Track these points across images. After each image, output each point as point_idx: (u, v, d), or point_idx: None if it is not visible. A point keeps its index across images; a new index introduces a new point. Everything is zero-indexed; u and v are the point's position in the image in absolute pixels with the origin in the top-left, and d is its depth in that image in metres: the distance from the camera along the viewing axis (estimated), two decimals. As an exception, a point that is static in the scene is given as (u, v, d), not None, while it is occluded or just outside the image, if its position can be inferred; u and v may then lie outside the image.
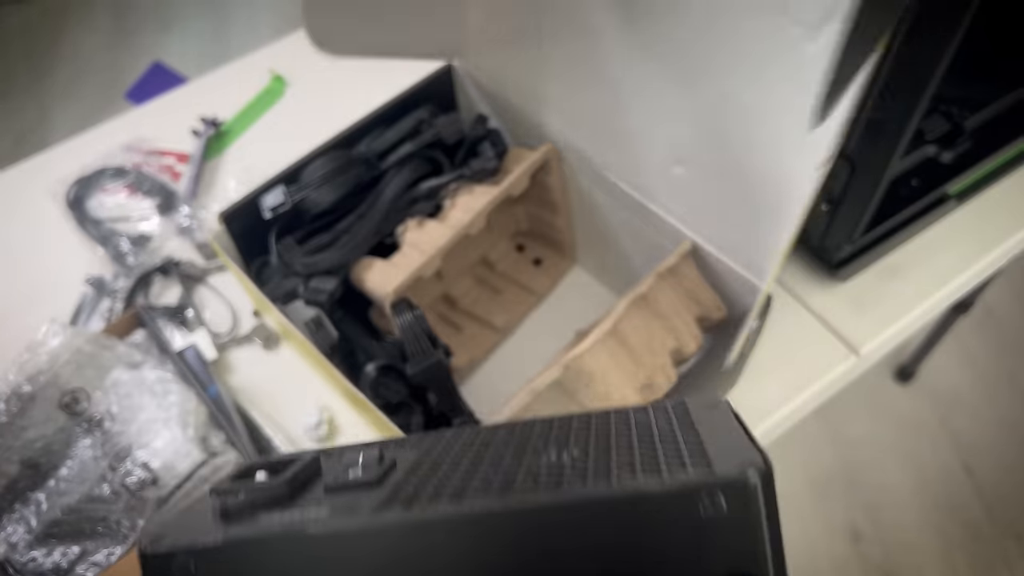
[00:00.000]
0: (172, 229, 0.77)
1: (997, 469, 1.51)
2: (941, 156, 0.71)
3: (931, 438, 1.56)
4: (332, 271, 0.55)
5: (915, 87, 0.53)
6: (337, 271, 0.55)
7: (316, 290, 0.54)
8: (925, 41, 0.50)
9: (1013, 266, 1.19)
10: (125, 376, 0.60)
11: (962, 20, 0.48)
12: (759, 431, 0.63)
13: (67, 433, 0.59)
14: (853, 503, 1.49)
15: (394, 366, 0.54)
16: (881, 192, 0.61)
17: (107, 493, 0.56)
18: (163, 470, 0.55)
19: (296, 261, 0.55)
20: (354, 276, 0.55)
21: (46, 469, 0.58)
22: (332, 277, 0.54)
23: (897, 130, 0.56)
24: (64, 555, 0.55)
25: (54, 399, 0.59)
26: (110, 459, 0.57)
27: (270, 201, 0.54)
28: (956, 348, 1.63)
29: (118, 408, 0.59)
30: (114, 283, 0.73)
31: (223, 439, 0.59)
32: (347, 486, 0.26)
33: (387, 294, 0.52)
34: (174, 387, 0.60)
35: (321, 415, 0.64)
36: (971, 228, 0.73)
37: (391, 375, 0.54)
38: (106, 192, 0.80)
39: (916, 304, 0.70)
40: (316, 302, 0.54)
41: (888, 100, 0.55)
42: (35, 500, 0.57)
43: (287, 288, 0.55)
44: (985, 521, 1.46)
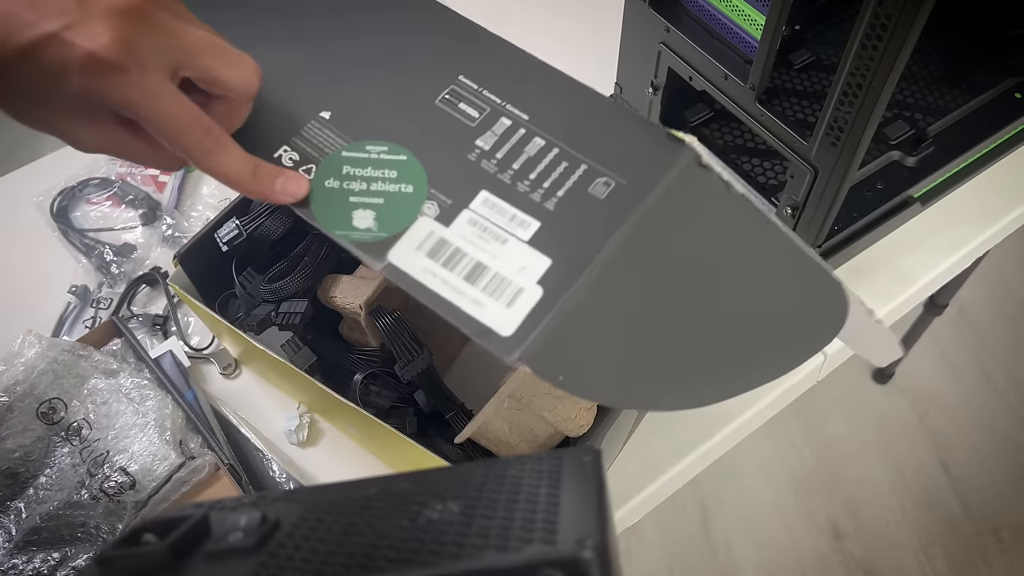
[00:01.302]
0: (156, 239, 0.78)
1: (974, 466, 1.54)
2: (905, 160, 0.73)
3: (909, 436, 1.58)
4: (300, 294, 0.56)
5: (872, 94, 0.55)
6: (305, 293, 0.56)
7: (288, 314, 0.55)
8: (880, 50, 0.51)
9: (985, 266, 1.22)
10: (102, 384, 0.61)
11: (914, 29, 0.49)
12: (727, 431, 0.65)
13: (45, 442, 0.60)
14: (834, 501, 1.51)
15: (380, 373, 0.55)
16: (843, 197, 0.63)
17: (86, 499, 0.57)
18: (141, 474, 0.56)
19: (261, 290, 0.56)
20: (322, 295, 0.56)
21: (25, 478, 0.59)
22: (302, 300, 0.55)
23: (856, 137, 0.58)
24: (45, 561, 0.56)
25: (32, 409, 0.60)
26: (88, 465, 0.58)
27: (224, 234, 0.55)
28: (932, 348, 1.66)
29: (95, 415, 0.60)
30: (98, 292, 0.74)
31: (200, 442, 0.60)
32: (227, 552, 0.27)
33: (360, 307, 0.53)
34: (151, 393, 0.60)
35: (300, 419, 0.64)
36: (935, 230, 0.75)
37: (378, 382, 0.55)
38: (91, 203, 0.81)
39: (882, 305, 0.72)
40: (291, 325, 0.55)
41: (847, 107, 0.57)
42: (15, 509, 0.58)
43: (260, 316, 0.55)
44: (963, 517, 1.48)
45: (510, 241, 0.42)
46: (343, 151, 0.45)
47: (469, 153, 0.44)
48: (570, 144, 0.44)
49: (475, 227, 0.42)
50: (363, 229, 0.43)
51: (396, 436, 0.50)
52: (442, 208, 0.43)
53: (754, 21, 0.64)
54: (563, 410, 0.49)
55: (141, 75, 0.35)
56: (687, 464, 0.63)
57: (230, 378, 0.68)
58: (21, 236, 0.79)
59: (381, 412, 0.51)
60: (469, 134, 0.45)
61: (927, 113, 0.75)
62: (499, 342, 0.39)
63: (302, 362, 0.55)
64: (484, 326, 0.39)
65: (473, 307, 0.40)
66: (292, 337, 0.57)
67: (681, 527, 1.48)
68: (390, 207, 0.43)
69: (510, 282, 0.40)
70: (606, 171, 0.43)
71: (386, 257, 0.42)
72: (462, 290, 0.40)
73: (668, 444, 0.64)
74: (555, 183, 0.43)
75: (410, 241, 0.42)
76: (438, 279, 0.41)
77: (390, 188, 0.44)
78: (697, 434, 0.64)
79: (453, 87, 0.46)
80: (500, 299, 0.40)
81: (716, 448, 0.65)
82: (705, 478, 1.52)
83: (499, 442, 0.51)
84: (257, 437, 0.64)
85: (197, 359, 0.69)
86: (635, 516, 0.63)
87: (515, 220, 0.42)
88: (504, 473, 0.30)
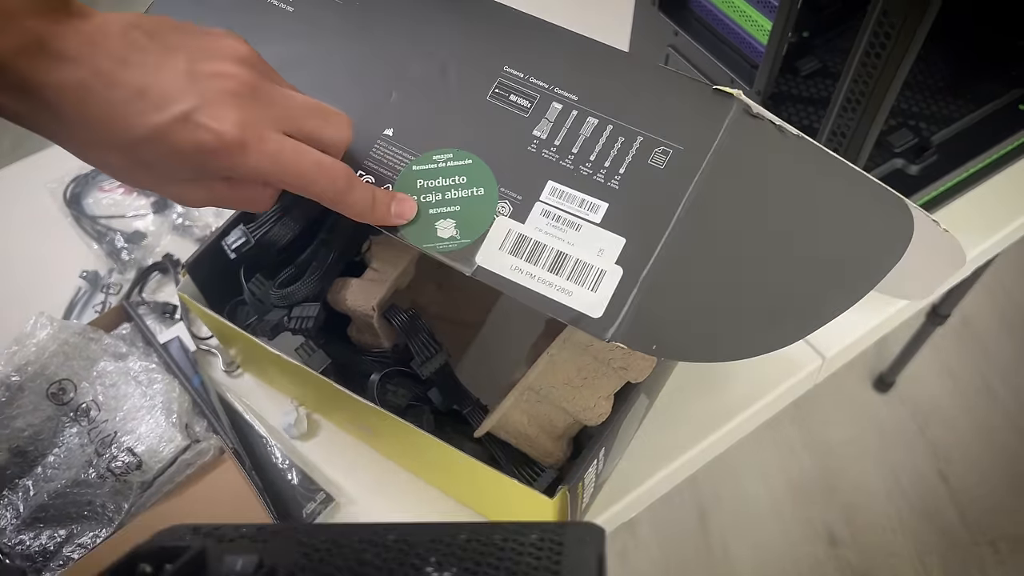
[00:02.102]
0: (167, 227, 0.79)
1: (973, 476, 1.54)
2: (908, 168, 0.74)
3: (908, 446, 1.58)
4: (310, 299, 0.57)
5: (874, 102, 0.55)
6: (315, 298, 0.57)
7: (301, 318, 0.55)
8: (883, 57, 0.52)
9: (989, 276, 1.22)
10: (111, 367, 0.62)
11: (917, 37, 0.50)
12: (726, 429, 0.65)
13: (54, 422, 0.61)
14: (831, 508, 1.51)
15: (394, 372, 0.56)
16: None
17: (93, 478, 0.58)
18: (147, 455, 0.57)
19: (272, 295, 0.56)
20: (332, 299, 0.57)
21: (33, 456, 0.60)
22: (313, 304, 0.56)
23: (858, 143, 0.59)
24: (51, 538, 0.57)
25: (42, 389, 0.61)
26: (96, 445, 0.59)
27: (232, 242, 0.56)
28: (934, 358, 1.66)
29: (104, 397, 0.61)
30: (108, 278, 0.75)
31: (205, 426, 0.61)
32: None
33: (372, 308, 0.54)
34: (158, 376, 0.62)
35: (298, 412, 0.65)
36: (936, 238, 0.76)
37: (392, 381, 0.55)
38: (103, 190, 0.82)
39: (883, 309, 0.72)
40: (304, 329, 0.56)
41: (849, 114, 0.58)
42: (23, 486, 0.59)
43: (273, 322, 0.56)
44: (960, 528, 1.48)
45: (584, 226, 0.43)
46: (413, 165, 0.46)
47: (529, 144, 0.46)
48: (623, 118, 0.45)
49: (549, 218, 0.44)
50: (447, 239, 0.45)
51: (416, 434, 0.50)
52: (515, 205, 0.45)
53: (761, 27, 0.65)
54: (582, 400, 0.49)
55: (260, 145, 0.38)
56: (685, 460, 0.64)
57: (232, 376, 0.69)
58: (34, 221, 0.81)
59: (398, 411, 0.52)
60: (525, 125, 0.46)
61: (931, 122, 0.75)
62: (592, 324, 0.41)
63: (317, 365, 0.56)
64: (577, 312, 0.42)
65: (563, 296, 0.42)
66: (305, 341, 0.58)
67: (679, 529, 1.49)
68: (467, 212, 0.45)
69: (591, 266, 0.43)
70: (662, 139, 0.44)
71: (474, 261, 0.44)
72: (550, 281, 0.43)
73: (667, 439, 0.65)
74: (615, 161, 0.44)
75: (492, 242, 0.44)
76: (526, 274, 0.43)
77: (463, 194, 0.45)
78: (697, 430, 0.65)
79: (501, 80, 0.47)
80: (585, 284, 0.42)
81: (716, 445, 0.66)
82: (703, 480, 1.53)
83: (518, 434, 0.51)
84: (259, 423, 0.65)
85: (204, 349, 0.70)
86: (632, 511, 0.64)
87: (585, 204, 0.44)
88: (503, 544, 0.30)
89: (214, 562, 0.28)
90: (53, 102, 0.35)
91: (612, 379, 0.49)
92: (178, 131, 0.36)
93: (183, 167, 0.38)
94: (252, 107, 0.38)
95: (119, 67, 0.36)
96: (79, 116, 0.36)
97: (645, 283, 0.42)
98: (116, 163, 0.38)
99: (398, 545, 0.29)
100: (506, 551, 0.29)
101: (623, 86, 0.46)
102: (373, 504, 0.63)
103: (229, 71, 0.38)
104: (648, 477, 0.63)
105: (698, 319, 0.42)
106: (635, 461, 0.63)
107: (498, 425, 0.51)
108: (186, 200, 0.42)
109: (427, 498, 0.62)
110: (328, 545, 0.30)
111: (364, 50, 0.49)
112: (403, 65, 0.49)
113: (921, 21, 0.49)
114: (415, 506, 0.62)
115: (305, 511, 0.61)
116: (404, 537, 0.30)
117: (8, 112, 0.36)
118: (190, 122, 0.36)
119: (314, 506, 0.61)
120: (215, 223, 0.79)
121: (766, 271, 0.42)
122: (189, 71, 0.37)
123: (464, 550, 0.29)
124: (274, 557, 0.29)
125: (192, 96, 0.37)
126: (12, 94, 0.35)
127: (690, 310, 0.42)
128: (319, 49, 0.50)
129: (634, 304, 0.41)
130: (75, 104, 0.35)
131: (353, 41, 0.50)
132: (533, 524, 0.30)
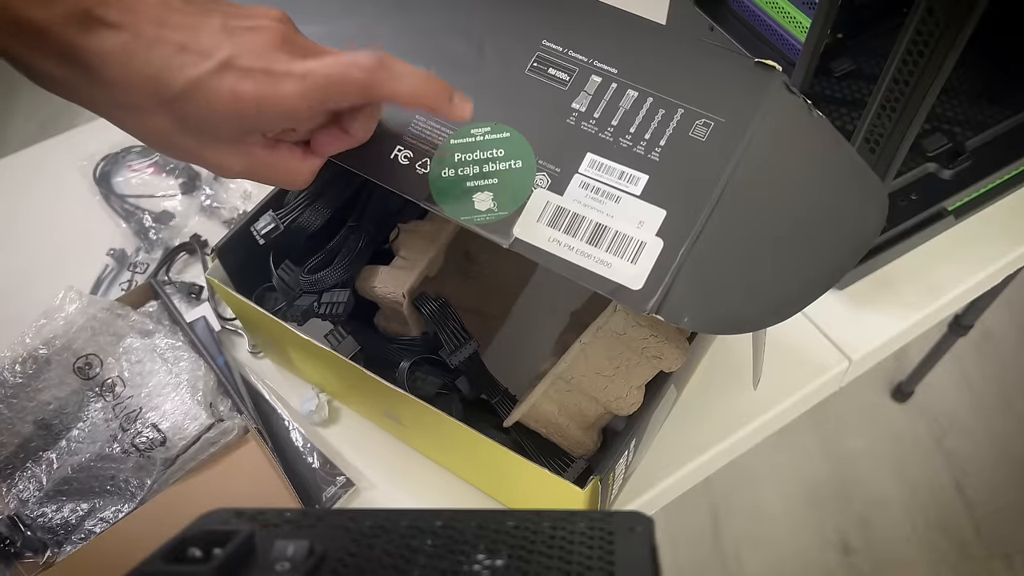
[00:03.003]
0: (195, 208, 0.79)
1: (989, 489, 1.53)
2: (941, 172, 0.73)
3: (925, 456, 1.57)
4: (339, 285, 0.57)
5: (912, 105, 0.55)
6: (344, 284, 0.57)
7: (332, 304, 0.55)
8: (924, 60, 0.52)
9: (1012, 289, 1.21)
10: (137, 343, 0.63)
11: (959, 40, 0.49)
12: (751, 428, 0.65)
13: (80, 396, 0.61)
14: (845, 516, 1.50)
15: (422, 360, 0.55)
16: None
17: (117, 452, 0.58)
18: (172, 431, 0.58)
19: (301, 281, 0.56)
20: (361, 286, 0.57)
21: (58, 430, 0.61)
22: (343, 289, 0.56)
23: (893, 147, 0.58)
24: (73, 511, 0.57)
25: (68, 363, 0.62)
26: (121, 420, 0.59)
27: (262, 228, 0.55)
28: (954, 369, 1.65)
29: (129, 373, 0.62)
30: (135, 256, 0.76)
31: (230, 406, 0.61)
32: None
33: (403, 295, 0.54)
34: (184, 355, 0.62)
35: (319, 398, 0.65)
36: (968, 245, 0.75)
37: (421, 369, 0.55)
38: (132, 170, 0.82)
39: (910, 315, 0.71)
40: (334, 315, 0.56)
41: (886, 117, 0.57)
42: (47, 459, 0.59)
43: (303, 307, 0.56)
44: (974, 540, 1.47)
45: (623, 198, 0.43)
46: (451, 139, 0.46)
47: (567, 117, 0.45)
48: (663, 90, 0.45)
49: (587, 190, 0.44)
50: (485, 211, 0.45)
51: (446, 422, 0.50)
52: (553, 177, 0.44)
53: (799, 23, 0.64)
54: (614, 389, 0.49)
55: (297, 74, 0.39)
56: (709, 457, 0.64)
57: (256, 357, 0.69)
58: (64, 198, 0.81)
59: (427, 399, 0.51)
60: (563, 98, 0.46)
61: (966, 127, 0.75)
62: (631, 296, 0.41)
63: (346, 352, 0.56)
64: (616, 284, 0.42)
65: (602, 268, 0.42)
66: (335, 327, 0.57)
67: (692, 533, 1.49)
68: (504, 185, 0.45)
69: (631, 238, 0.42)
70: (703, 111, 0.44)
71: (512, 233, 0.44)
72: (588, 253, 0.43)
73: (691, 436, 0.64)
74: (656, 133, 0.44)
75: (530, 214, 0.44)
76: (564, 246, 0.43)
77: (501, 167, 0.45)
78: (721, 428, 0.65)
79: (539, 54, 0.47)
80: (624, 256, 0.42)
81: (739, 444, 0.65)
82: (718, 485, 1.52)
83: (548, 423, 0.51)
84: (281, 405, 0.65)
85: (228, 329, 0.70)
86: (652, 508, 0.63)
87: (624, 176, 0.44)
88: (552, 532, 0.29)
89: (264, 547, 0.28)
90: (96, 65, 0.36)
91: (645, 368, 0.49)
92: (216, 80, 0.37)
93: (223, 122, 0.38)
94: (289, 48, 0.39)
95: (159, 28, 0.37)
96: (122, 77, 0.36)
97: (686, 255, 0.41)
98: (157, 125, 0.38)
99: (446, 532, 0.29)
100: (556, 539, 0.28)
101: (662, 59, 0.46)
102: (393, 490, 0.63)
103: (264, 24, 0.39)
104: (670, 473, 0.63)
105: (732, 289, 0.42)
106: (658, 455, 0.63)
107: (528, 415, 0.50)
108: (225, 168, 0.41)
109: (448, 485, 0.62)
110: (376, 531, 0.29)
111: (400, 25, 0.49)
112: (440, 40, 0.48)
113: (966, 21, 0.48)
114: (436, 493, 0.62)
115: (325, 495, 0.61)
116: (451, 523, 0.29)
117: (52, 79, 0.37)
118: (231, 68, 0.37)
119: (334, 490, 0.61)
120: (242, 206, 0.79)
121: (786, 240, 0.43)
122: (225, 26, 0.38)
123: (513, 537, 0.28)
124: (324, 542, 0.28)
125: (228, 46, 0.37)
126: (57, 61, 0.36)
127: (724, 281, 0.42)
128: (354, 26, 0.50)
129: (674, 276, 0.41)
130: (118, 66, 0.36)
131: (389, 16, 0.50)
132: (579, 512, 0.30)
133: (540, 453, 0.52)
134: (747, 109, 0.43)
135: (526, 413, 0.51)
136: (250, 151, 0.41)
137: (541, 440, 0.53)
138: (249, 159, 0.41)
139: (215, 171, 0.42)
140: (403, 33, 0.49)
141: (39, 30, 0.35)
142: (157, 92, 0.37)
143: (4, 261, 0.77)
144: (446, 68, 0.48)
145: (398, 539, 0.29)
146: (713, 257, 0.42)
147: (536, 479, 0.49)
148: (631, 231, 0.42)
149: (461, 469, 0.62)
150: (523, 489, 0.56)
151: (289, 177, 0.44)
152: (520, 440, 0.53)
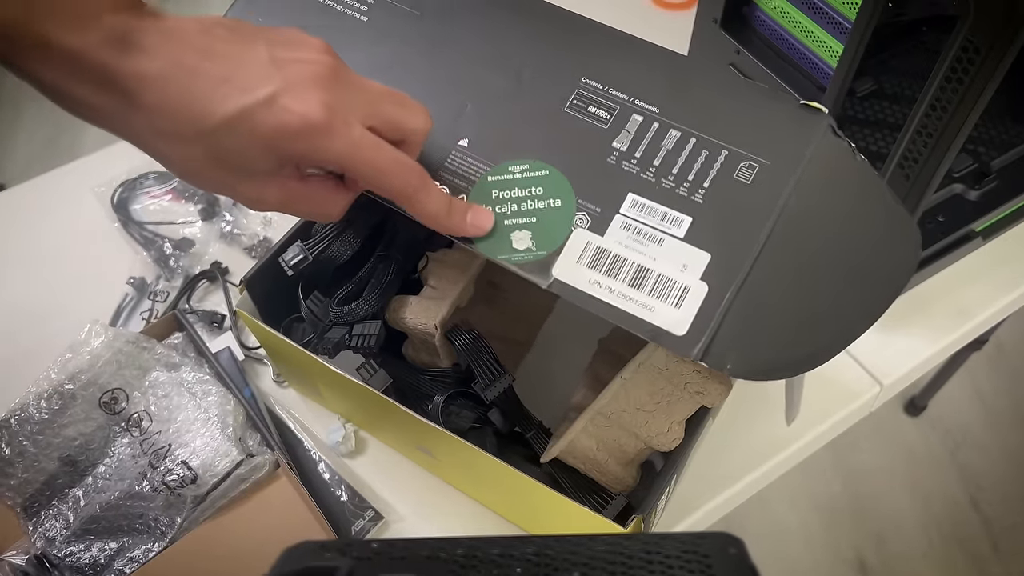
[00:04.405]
0: (215, 235, 0.78)
1: (1004, 504, 1.52)
2: (968, 194, 0.72)
3: (939, 471, 1.56)
4: (369, 316, 0.56)
5: (951, 130, 0.54)
6: (374, 316, 0.56)
7: (363, 336, 0.54)
8: (965, 83, 0.51)
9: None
10: (164, 377, 0.62)
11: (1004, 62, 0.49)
12: (782, 456, 0.64)
13: (106, 431, 0.60)
14: (860, 533, 1.49)
15: (457, 394, 0.54)
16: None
17: (147, 490, 0.57)
18: (202, 469, 0.57)
19: (331, 312, 0.55)
20: (391, 317, 0.56)
21: (84, 466, 0.59)
22: (374, 321, 0.55)
23: (930, 171, 0.58)
24: (102, 551, 0.56)
25: (94, 398, 0.61)
26: (149, 457, 0.58)
27: (290, 259, 0.54)
28: (967, 383, 1.64)
29: (156, 408, 0.61)
30: (155, 285, 0.75)
31: (259, 440, 0.60)
32: None
33: (435, 327, 0.53)
34: (212, 388, 0.61)
35: (346, 429, 0.65)
36: (997, 265, 0.74)
37: (456, 402, 0.54)
38: (151, 196, 0.82)
39: (941, 338, 0.71)
40: (366, 347, 0.55)
41: (923, 141, 0.56)
42: (73, 496, 0.58)
43: (334, 340, 0.55)
44: (991, 556, 1.46)
45: (666, 240, 0.42)
46: (488, 176, 0.46)
47: (608, 156, 0.45)
48: (706, 131, 0.44)
49: (629, 231, 0.43)
50: (523, 250, 0.44)
51: (481, 457, 0.49)
52: (593, 217, 0.44)
53: (827, 46, 0.64)
54: (656, 424, 0.48)
55: (346, 130, 0.38)
56: (741, 487, 0.63)
57: (281, 387, 0.68)
58: (81, 225, 0.80)
59: (460, 434, 0.51)
60: (604, 137, 0.45)
61: (991, 147, 0.74)
62: (674, 342, 0.40)
63: (379, 385, 0.55)
64: (658, 328, 0.41)
65: (644, 312, 0.41)
66: (366, 361, 0.56)
67: (704, 550, 1.47)
68: (543, 224, 0.44)
69: (675, 281, 0.41)
70: (748, 153, 0.43)
71: (551, 274, 0.43)
72: (630, 296, 0.42)
73: (722, 467, 0.64)
74: (699, 174, 0.43)
75: (570, 255, 0.43)
76: (604, 288, 0.42)
77: (540, 205, 0.44)
78: (751, 458, 0.64)
79: (579, 91, 0.46)
80: (668, 300, 0.41)
81: (770, 472, 0.65)
82: (731, 502, 1.51)
83: (586, 459, 0.50)
84: (307, 437, 0.64)
85: (252, 358, 0.69)
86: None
87: (667, 219, 0.43)
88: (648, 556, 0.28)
89: None
90: (133, 90, 0.35)
91: (687, 404, 0.48)
92: (262, 113, 0.36)
93: (262, 156, 0.38)
94: (335, 91, 0.38)
95: (201, 58, 0.36)
96: (159, 104, 0.35)
97: (731, 300, 0.41)
98: (190, 155, 0.37)
99: (540, 559, 0.28)
100: (654, 564, 0.27)
101: (705, 98, 0.45)
102: (421, 523, 0.62)
103: (311, 57, 0.38)
104: (703, 504, 0.62)
105: (773, 338, 0.41)
106: (691, 485, 0.62)
107: (566, 450, 0.50)
108: (258, 200, 0.41)
109: (478, 518, 0.61)
110: (473, 562, 0.28)
111: (438, 60, 0.49)
112: (478, 76, 0.48)
113: (1012, 44, 0.48)
114: (467, 526, 0.61)
115: (354, 528, 0.60)
116: (543, 550, 0.28)
117: (87, 106, 0.36)
118: (276, 104, 0.36)
119: (363, 523, 0.60)
120: (263, 232, 0.78)
121: (827, 284, 0.42)
122: (272, 58, 0.37)
123: (609, 563, 0.27)
124: (425, 573, 0.28)
125: (277, 80, 0.37)
126: (92, 87, 0.35)
127: (768, 329, 0.41)
128: (393, 59, 0.49)
129: (720, 322, 0.40)
130: (156, 92, 0.35)
131: (427, 51, 0.49)
132: (665, 535, 0.29)
133: (577, 489, 0.51)
134: (794, 153, 0.43)
135: (564, 449, 0.50)
136: (284, 184, 0.40)
137: (577, 475, 0.52)
138: (284, 192, 0.41)
139: (247, 204, 0.41)
140: (440, 64, 0.48)
141: (74, 55, 0.34)
142: (195, 122, 0.36)
143: (23, 290, 0.77)
144: (484, 101, 0.47)
145: (494, 568, 0.28)
146: (757, 302, 0.41)
147: (574, 516, 0.48)
148: (675, 274, 0.42)
149: (494, 503, 0.61)
150: (558, 525, 0.55)
151: (323, 209, 0.43)
152: (556, 475, 0.52)
